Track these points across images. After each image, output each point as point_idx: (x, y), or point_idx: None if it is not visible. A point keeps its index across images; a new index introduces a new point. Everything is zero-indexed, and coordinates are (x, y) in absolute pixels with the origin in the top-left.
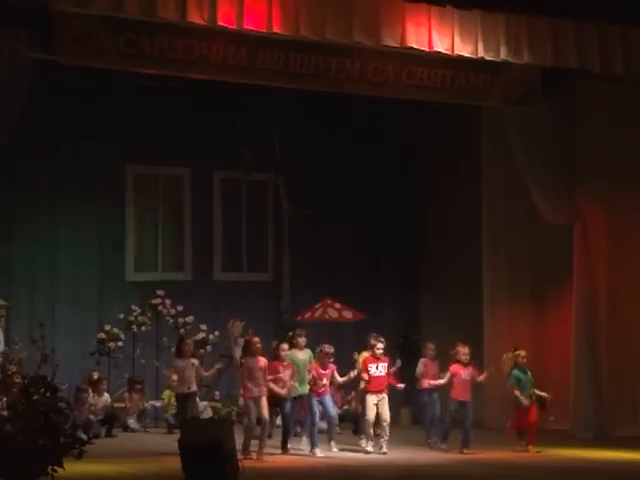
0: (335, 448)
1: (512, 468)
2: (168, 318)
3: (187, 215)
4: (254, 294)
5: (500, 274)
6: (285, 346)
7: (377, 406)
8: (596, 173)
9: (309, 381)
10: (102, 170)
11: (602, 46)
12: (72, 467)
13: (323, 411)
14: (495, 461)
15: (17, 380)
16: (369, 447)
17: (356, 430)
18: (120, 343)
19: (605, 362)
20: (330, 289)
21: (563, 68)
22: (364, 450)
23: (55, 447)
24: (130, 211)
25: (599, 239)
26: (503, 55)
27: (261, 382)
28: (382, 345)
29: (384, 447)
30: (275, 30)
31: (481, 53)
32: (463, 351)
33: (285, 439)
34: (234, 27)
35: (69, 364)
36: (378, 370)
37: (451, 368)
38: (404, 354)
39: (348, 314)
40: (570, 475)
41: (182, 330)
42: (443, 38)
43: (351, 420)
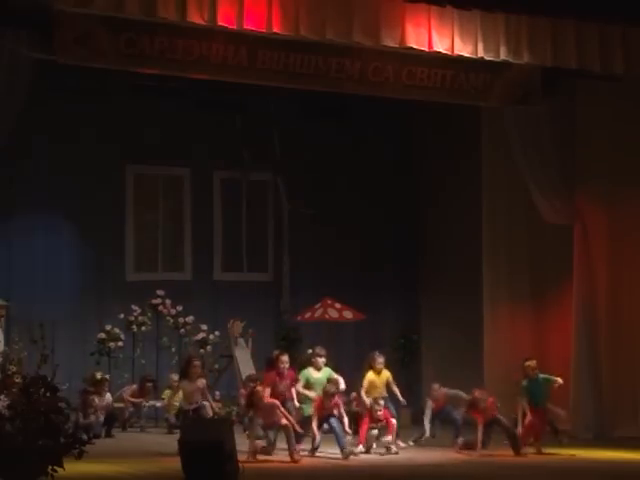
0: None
1: (512, 468)
2: (168, 318)
3: (187, 215)
4: (254, 294)
5: (500, 274)
6: (285, 358)
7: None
8: (596, 173)
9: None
10: (102, 170)
11: (602, 46)
12: (72, 467)
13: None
14: (495, 461)
15: (17, 380)
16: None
17: (356, 430)
18: (120, 343)
19: (605, 362)
20: (330, 289)
21: (563, 68)
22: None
23: (55, 447)
24: (130, 211)
25: (599, 239)
26: (503, 55)
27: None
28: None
29: (393, 447)
30: (275, 30)
31: (481, 53)
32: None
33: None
34: (234, 27)
35: (69, 364)
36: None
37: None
38: (404, 354)
39: (348, 314)
40: (570, 475)
41: (182, 330)
42: (443, 38)
43: (351, 420)
